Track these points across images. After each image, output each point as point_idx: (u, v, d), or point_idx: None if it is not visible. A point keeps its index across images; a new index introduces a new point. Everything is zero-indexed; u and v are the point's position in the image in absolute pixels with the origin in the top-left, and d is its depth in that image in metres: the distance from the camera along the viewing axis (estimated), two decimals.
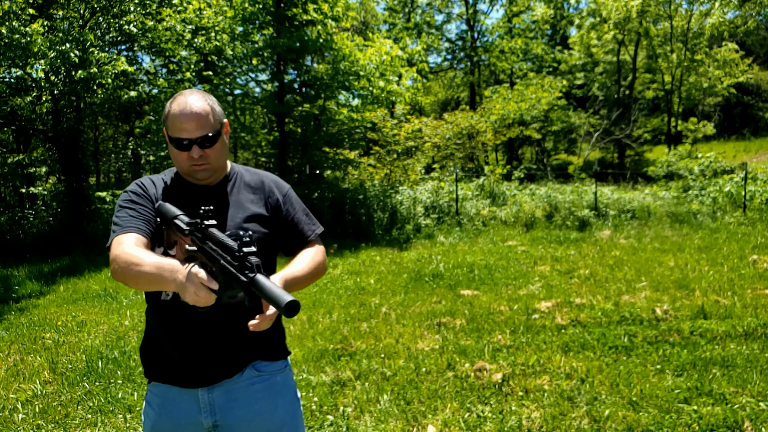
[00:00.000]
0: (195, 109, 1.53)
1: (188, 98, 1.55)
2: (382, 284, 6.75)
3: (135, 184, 1.63)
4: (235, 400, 1.59)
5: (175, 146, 1.55)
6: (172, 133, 1.54)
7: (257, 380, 1.62)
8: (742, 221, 10.70)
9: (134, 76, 11.74)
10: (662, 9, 25.78)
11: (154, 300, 1.59)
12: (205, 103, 1.56)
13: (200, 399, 1.58)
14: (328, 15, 11.45)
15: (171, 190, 1.63)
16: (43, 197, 12.94)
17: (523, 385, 3.63)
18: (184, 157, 1.55)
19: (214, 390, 1.58)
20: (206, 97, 1.58)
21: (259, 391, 1.61)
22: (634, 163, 26.55)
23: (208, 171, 1.59)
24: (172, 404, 1.60)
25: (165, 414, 1.61)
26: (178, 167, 1.62)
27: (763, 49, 35.06)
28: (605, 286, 6.24)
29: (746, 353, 4.05)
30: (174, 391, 1.60)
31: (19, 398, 3.78)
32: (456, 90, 35.51)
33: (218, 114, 1.59)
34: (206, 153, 1.56)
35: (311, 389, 3.68)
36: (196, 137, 1.53)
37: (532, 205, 11.94)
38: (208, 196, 1.62)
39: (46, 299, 6.87)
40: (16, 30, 8.49)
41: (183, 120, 1.52)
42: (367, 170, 14.53)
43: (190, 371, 1.57)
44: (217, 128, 1.57)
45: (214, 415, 1.58)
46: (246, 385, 1.60)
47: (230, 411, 1.58)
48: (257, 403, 1.60)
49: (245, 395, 1.60)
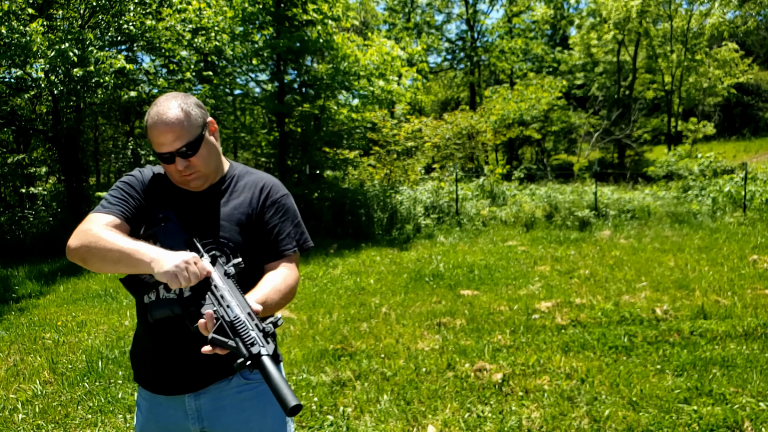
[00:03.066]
0: (168, 120, 1.43)
1: (160, 108, 1.46)
2: (382, 284, 6.75)
3: (135, 171, 1.60)
4: (223, 408, 1.54)
5: (160, 160, 1.49)
6: (153, 147, 1.47)
7: (245, 388, 1.56)
8: (742, 221, 10.70)
9: (134, 76, 11.74)
10: (662, 9, 25.79)
11: (140, 303, 1.55)
12: (178, 110, 1.45)
13: (187, 405, 1.54)
14: (328, 15, 11.44)
15: (161, 187, 1.57)
16: (43, 197, 12.94)
17: (523, 385, 3.63)
18: (172, 169, 1.49)
19: (201, 396, 1.54)
20: (181, 102, 1.48)
21: (247, 400, 1.56)
22: (634, 163, 26.56)
23: (200, 179, 1.52)
24: (159, 409, 1.58)
25: (152, 419, 1.58)
26: (171, 179, 1.56)
27: (763, 49, 35.05)
28: (605, 286, 6.24)
29: (746, 353, 4.05)
30: (161, 397, 1.57)
31: (19, 398, 3.77)
32: (456, 90, 35.52)
33: (196, 117, 1.48)
34: (191, 162, 1.47)
35: (311, 389, 3.67)
36: (177, 149, 1.44)
37: (532, 205, 11.94)
38: (193, 201, 1.55)
39: (46, 299, 6.86)
40: (16, 30, 8.49)
41: (158, 133, 1.44)
42: (367, 170, 14.54)
43: (174, 378, 1.53)
44: (196, 134, 1.47)
45: (202, 422, 1.54)
46: (234, 393, 1.55)
47: (217, 419, 1.54)
48: (245, 411, 1.56)
49: (233, 403, 1.55)
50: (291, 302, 6.01)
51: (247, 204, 1.57)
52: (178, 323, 1.42)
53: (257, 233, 1.56)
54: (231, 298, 1.30)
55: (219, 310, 1.28)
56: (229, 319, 1.25)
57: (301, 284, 6.81)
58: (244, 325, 1.24)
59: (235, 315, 1.26)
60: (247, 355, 1.20)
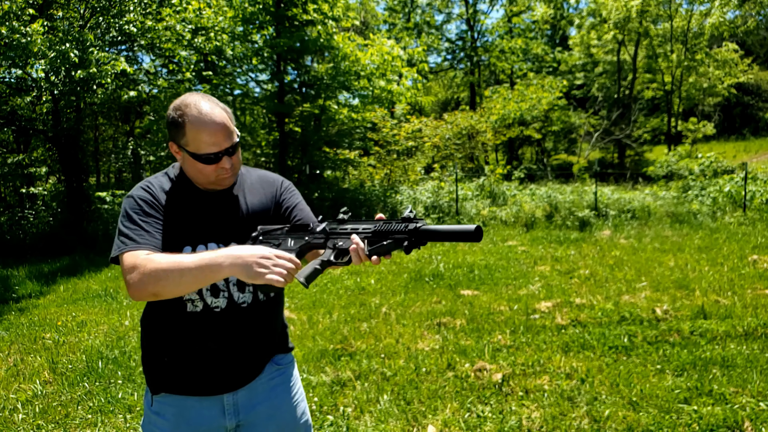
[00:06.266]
0: (219, 119, 1.42)
1: (203, 108, 1.42)
2: (382, 284, 6.75)
3: (143, 191, 1.49)
4: (257, 396, 1.60)
5: (201, 161, 1.44)
6: (196, 149, 1.42)
7: (276, 374, 1.64)
8: (742, 221, 10.70)
9: (134, 76, 11.74)
10: (662, 9, 25.78)
11: (178, 313, 1.51)
12: (222, 110, 1.45)
13: (225, 402, 1.56)
14: (328, 15, 11.45)
15: (176, 197, 1.51)
16: (43, 197, 12.94)
17: (523, 385, 3.63)
18: (211, 169, 1.45)
19: (239, 391, 1.57)
20: (216, 101, 1.48)
21: (278, 385, 1.64)
22: (634, 163, 26.55)
23: (234, 176, 1.52)
24: (191, 411, 1.54)
25: (183, 422, 1.54)
26: (199, 179, 1.49)
27: (763, 49, 35.05)
28: (605, 286, 6.24)
29: (746, 353, 4.05)
30: (192, 400, 1.54)
31: (19, 398, 3.78)
32: (456, 90, 35.53)
33: (231, 115, 1.50)
34: (233, 160, 1.48)
35: (311, 389, 3.67)
36: (225, 148, 1.44)
37: (532, 205, 11.94)
38: (217, 199, 1.54)
39: (46, 299, 6.86)
40: (16, 30, 8.49)
41: (210, 133, 1.41)
42: (367, 170, 14.55)
43: (217, 380, 1.54)
44: (236, 132, 1.49)
45: (238, 415, 1.57)
46: (266, 380, 1.62)
47: (252, 408, 1.59)
48: (277, 397, 1.63)
49: (266, 390, 1.61)
50: (291, 302, 6.02)
51: (266, 195, 1.62)
52: (223, 326, 1.50)
53: (281, 217, 1.62)
54: (356, 224, 1.36)
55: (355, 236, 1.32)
56: (370, 232, 1.31)
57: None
58: (384, 226, 1.29)
59: (371, 227, 1.32)
60: (407, 235, 1.24)
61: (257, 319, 1.57)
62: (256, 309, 1.56)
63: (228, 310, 1.51)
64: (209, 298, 1.50)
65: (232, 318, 1.52)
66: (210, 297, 1.50)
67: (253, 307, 1.55)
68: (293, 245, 1.44)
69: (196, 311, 1.50)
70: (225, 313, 1.51)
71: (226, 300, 1.51)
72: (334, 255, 1.37)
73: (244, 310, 1.54)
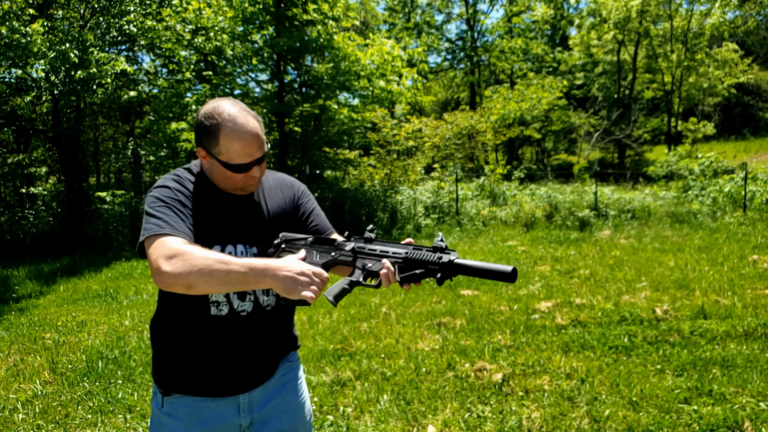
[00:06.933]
0: (254, 131, 1.42)
1: (238, 118, 1.41)
2: None
3: (177, 183, 1.47)
4: (269, 393, 1.63)
5: (232, 170, 1.44)
6: (228, 159, 1.42)
7: (287, 370, 1.69)
8: (742, 221, 10.70)
9: (134, 76, 11.74)
10: (662, 9, 25.78)
11: (201, 317, 1.49)
12: (255, 120, 1.45)
13: (241, 401, 1.57)
14: (328, 15, 11.44)
15: (201, 195, 1.49)
16: (43, 197, 12.95)
17: (523, 385, 3.63)
18: (240, 177, 1.45)
19: (254, 391, 1.59)
20: (248, 110, 1.47)
21: (289, 381, 1.69)
22: (634, 163, 26.55)
23: (259, 183, 1.53)
24: (205, 412, 1.54)
25: (197, 423, 1.53)
26: (226, 185, 1.49)
27: (763, 49, 35.05)
28: (605, 286, 6.24)
29: (746, 353, 4.05)
30: (207, 400, 1.54)
31: (20, 398, 3.78)
32: (456, 90, 35.52)
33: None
34: (261, 168, 1.49)
35: (311, 389, 3.67)
36: (258, 158, 1.44)
37: (532, 205, 11.94)
38: (240, 202, 1.54)
39: (46, 299, 6.86)
40: (16, 30, 8.50)
41: (247, 144, 1.41)
42: (367, 170, 14.54)
43: (236, 381, 1.55)
44: (266, 140, 1.49)
45: (252, 413, 1.59)
46: (278, 377, 1.66)
47: (264, 405, 1.62)
48: (288, 393, 1.67)
49: (277, 387, 1.65)
50: None
51: (285, 198, 1.64)
52: (247, 329, 1.51)
53: (298, 221, 1.65)
54: (385, 247, 1.36)
55: (386, 261, 1.32)
56: (401, 258, 1.31)
57: None
58: (416, 253, 1.29)
59: (402, 253, 1.32)
60: (439, 268, 1.24)
61: (278, 321, 1.60)
62: (278, 311, 1.59)
63: (253, 314, 1.53)
64: (236, 302, 1.50)
65: (256, 321, 1.54)
66: (237, 300, 1.50)
67: (276, 309, 1.58)
68: (318, 259, 1.44)
69: (220, 315, 1.49)
70: (250, 317, 1.52)
71: (252, 303, 1.52)
72: (363, 276, 1.37)
73: (268, 313, 1.56)
